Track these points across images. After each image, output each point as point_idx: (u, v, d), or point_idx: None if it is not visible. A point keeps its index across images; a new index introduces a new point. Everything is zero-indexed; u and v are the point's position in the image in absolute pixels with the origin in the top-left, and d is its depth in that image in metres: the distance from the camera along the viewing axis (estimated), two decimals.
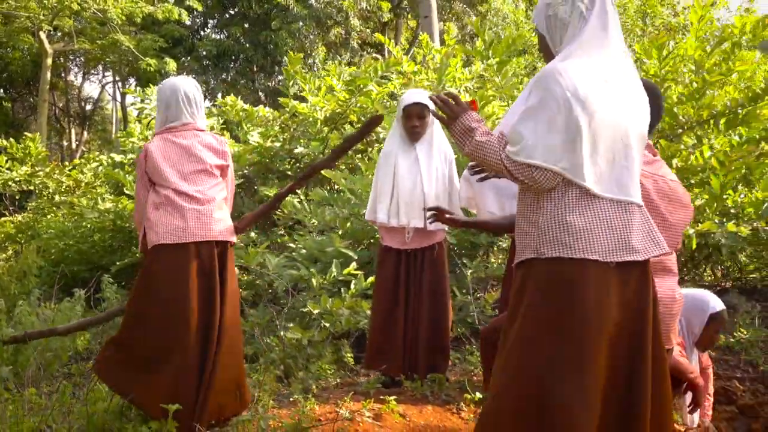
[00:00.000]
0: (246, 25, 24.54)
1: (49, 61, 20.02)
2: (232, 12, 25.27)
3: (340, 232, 5.60)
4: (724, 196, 5.00)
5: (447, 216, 3.43)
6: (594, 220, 2.00)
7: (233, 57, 24.14)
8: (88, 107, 31.61)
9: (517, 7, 20.65)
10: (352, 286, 4.76)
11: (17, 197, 8.78)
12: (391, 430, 3.02)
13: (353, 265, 4.89)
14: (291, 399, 3.47)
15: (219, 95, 26.49)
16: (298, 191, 6.29)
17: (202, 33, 25.94)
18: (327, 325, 4.41)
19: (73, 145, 29.54)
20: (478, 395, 3.43)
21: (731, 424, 4.84)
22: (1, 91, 25.64)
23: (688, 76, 5.85)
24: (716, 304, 3.54)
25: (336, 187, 6.82)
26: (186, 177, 3.25)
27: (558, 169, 1.97)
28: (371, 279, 4.59)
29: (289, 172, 7.39)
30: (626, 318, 2.02)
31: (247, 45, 24.11)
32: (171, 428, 2.72)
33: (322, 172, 5.56)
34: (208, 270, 3.13)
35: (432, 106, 3.73)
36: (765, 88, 5.27)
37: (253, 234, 6.82)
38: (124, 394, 3.06)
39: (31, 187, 8.46)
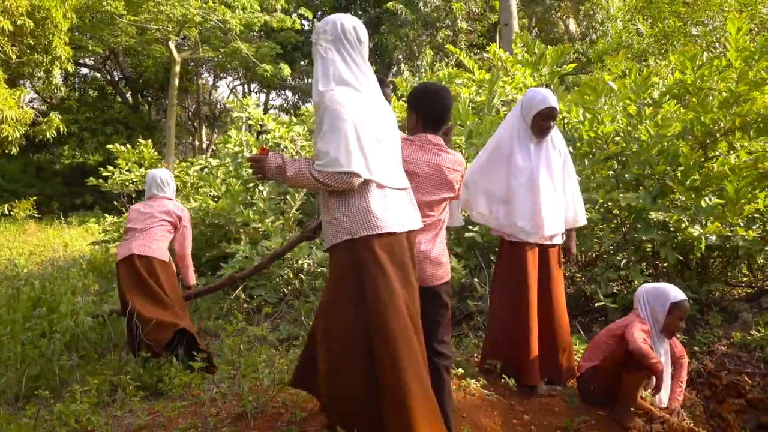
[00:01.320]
0: None
1: (178, 68, 21.77)
2: None
3: None
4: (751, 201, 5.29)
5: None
6: (387, 204, 2.75)
7: None
8: (218, 109, 33.69)
9: (625, 2, 20.38)
10: None
11: (134, 195, 9.95)
12: None
13: None
14: None
15: None
16: None
17: None
18: None
19: (204, 145, 31.62)
20: (460, 370, 4.04)
21: (740, 416, 5.13)
22: (139, 96, 28.03)
23: (731, 84, 6.07)
24: (677, 294, 3.96)
25: None
26: (141, 222, 5.13)
27: (356, 171, 2.66)
28: None
29: None
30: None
31: None
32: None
33: None
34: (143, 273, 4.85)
35: None
36: None
37: None
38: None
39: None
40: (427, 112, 3.33)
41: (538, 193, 4.06)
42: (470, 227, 5.72)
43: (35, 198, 19.50)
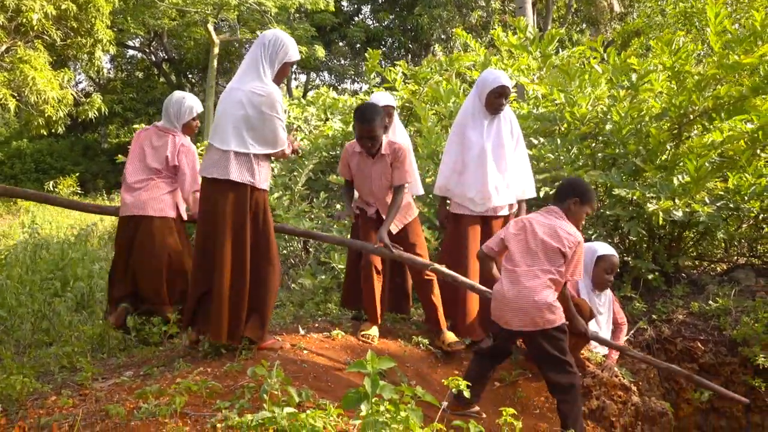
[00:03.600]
0: (397, 10, 25.88)
1: (216, 50, 22.44)
2: None
3: None
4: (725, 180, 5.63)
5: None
6: (207, 157, 3.81)
7: (382, 42, 25.57)
8: None
9: None
10: None
11: None
12: (333, 347, 4.14)
13: None
14: (282, 325, 4.67)
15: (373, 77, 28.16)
16: None
17: (355, 19, 27.64)
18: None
19: None
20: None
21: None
22: (182, 77, 28.88)
23: (709, 68, 6.30)
24: (604, 250, 4.40)
25: None
26: None
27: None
28: None
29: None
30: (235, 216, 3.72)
31: (396, 30, 25.45)
32: None
33: None
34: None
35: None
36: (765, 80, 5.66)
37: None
38: None
39: None
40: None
41: (486, 167, 4.46)
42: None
43: (78, 175, 20.35)
